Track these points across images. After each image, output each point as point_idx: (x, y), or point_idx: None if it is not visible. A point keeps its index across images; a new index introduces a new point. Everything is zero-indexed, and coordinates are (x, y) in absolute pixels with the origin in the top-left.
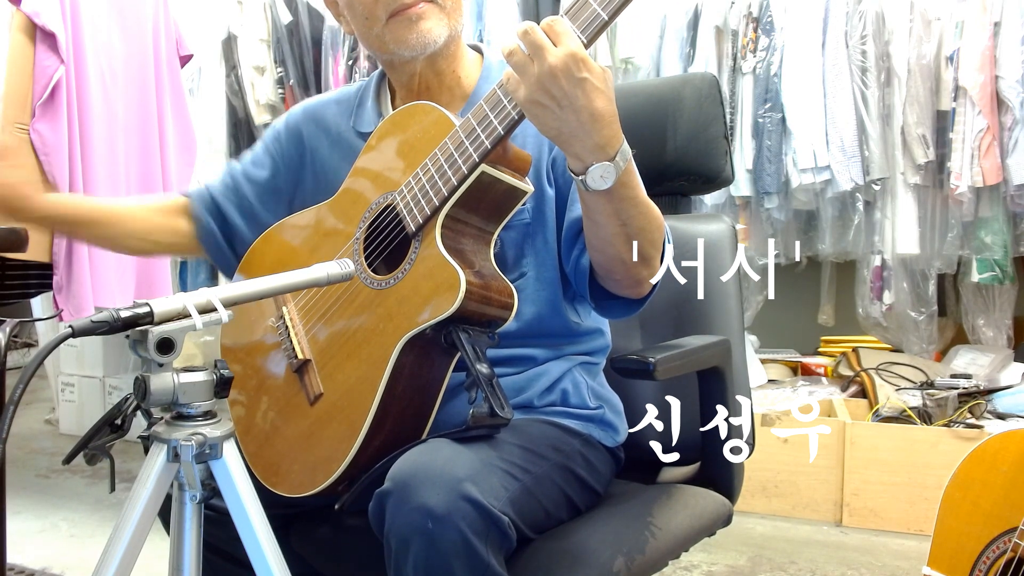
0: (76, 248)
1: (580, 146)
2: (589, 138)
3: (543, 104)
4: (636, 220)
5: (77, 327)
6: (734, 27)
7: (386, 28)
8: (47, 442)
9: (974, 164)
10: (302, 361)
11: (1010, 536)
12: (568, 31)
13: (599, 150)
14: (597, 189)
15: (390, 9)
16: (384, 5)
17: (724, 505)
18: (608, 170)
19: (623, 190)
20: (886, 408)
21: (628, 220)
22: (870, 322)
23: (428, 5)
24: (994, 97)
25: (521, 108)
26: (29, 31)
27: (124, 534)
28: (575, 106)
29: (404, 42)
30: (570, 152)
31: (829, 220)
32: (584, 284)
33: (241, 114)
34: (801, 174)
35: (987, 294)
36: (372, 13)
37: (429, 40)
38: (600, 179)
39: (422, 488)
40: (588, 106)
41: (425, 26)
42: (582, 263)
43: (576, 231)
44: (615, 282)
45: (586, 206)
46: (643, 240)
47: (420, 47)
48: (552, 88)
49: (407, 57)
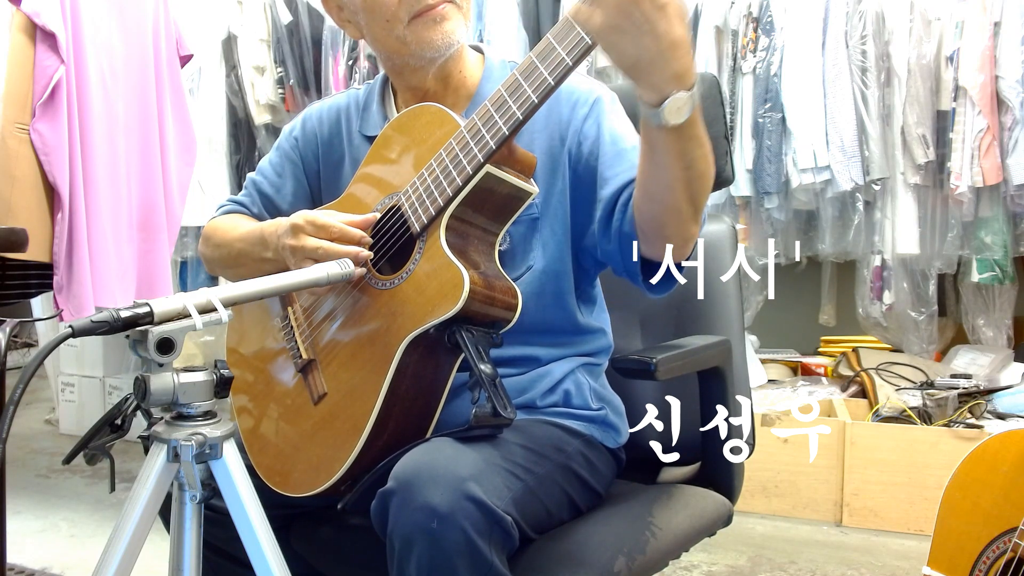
0: (76, 248)
1: (660, 75)
2: (669, 66)
3: (623, 29)
4: (699, 163)
5: (77, 327)
6: (734, 27)
7: (408, 29)
8: (47, 442)
9: (974, 164)
10: (306, 361)
11: (1010, 536)
12: None
13: (677, 79)
14: (673, 123)
15: (413, 10)
16: (407, 6)
17: (724, 505)
18: (685, 101)
19: (693, 128)
20: (886, 408)
21: (692, 162)
22: (870, 322)
23: (450, 6)
24: (994, 97)
25: (594, 36)
26: (29, 31)
27: (124, 534)
28: (656, 32)
29: (428, 43)
30: (647, 82)
31: (829, 220)
32: (630, 252)
33: (241, 114)
34: (801, 174)
35: (987, 294)
36: (394, 15)
37: (453, 40)
38: (676, 112)
39: (426, 487)
40: (669, 32)
41: (448, 27)
42: (624, 230)
43: (613, 204)
44: (663, 240)
45: (651, 147)
46: (701, 187)
47: (444, 47)
48: (634, 11)
49: (427, 59)
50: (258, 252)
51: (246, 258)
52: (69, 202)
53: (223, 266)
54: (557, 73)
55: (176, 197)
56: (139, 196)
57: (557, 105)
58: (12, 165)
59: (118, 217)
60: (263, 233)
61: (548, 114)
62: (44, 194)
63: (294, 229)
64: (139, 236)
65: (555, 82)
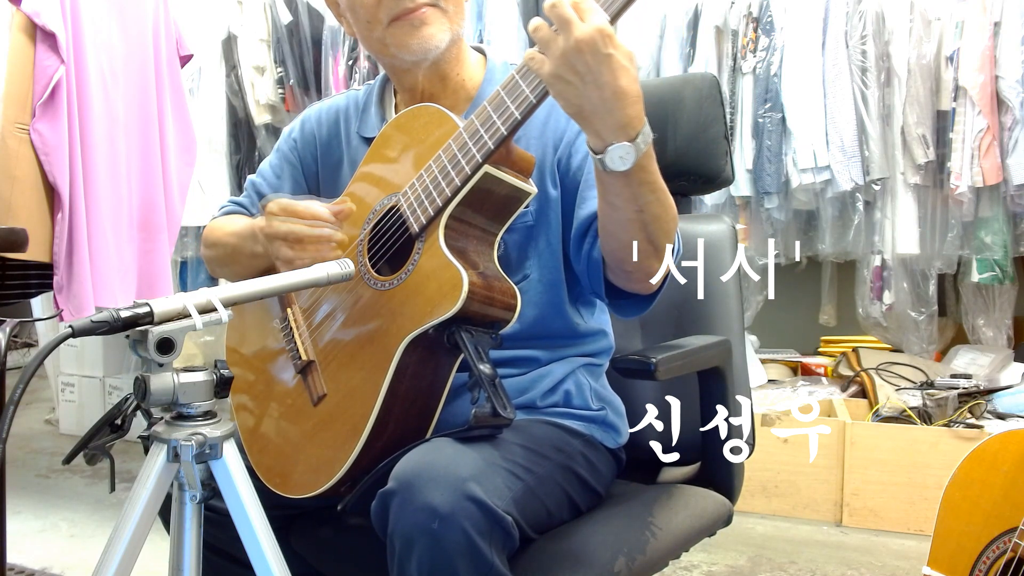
0: (76, 248)
1: (601, 124)
2: (611, 116)
3: (567, 80)
4: (652, 207)
5: (77, 327)
6: (734, 27)
7: (387, 32)
8: (47, 442)
9: (974, 164)
10: (306, 362)
11: (1010, 536)
12: (594, 7)
13: (620, 129)
14: (616, 170)
15: (392, 13)
16: (386, 9)
17: (724, 505)
18: (628, 151)
19: (642, 174)
20: (886, 408)
21: (645, 206)
22: (870, 322)
23: (431, 9)
24: (994, 97)
25: (545, 84)
26: (29, 31)
27: (124, 534)
28: (599, 82)
29: (406, 47)
30: (590, 130)
31: (829, 220)
32: (598, 277)
33: (241, 114)
34: (801, 174)
35: (987, 294)
36: (374, 16)
37: (431, 45)
38: (620, 160)
39: (426, 488)
40: (612, 83)
41: (428, 31)
42: (594, 256)
43: (587, 227)
44: (625, 274)
45: (603, 188)
46: (658, 229)
47: (422, 52)
48: (577, 63)
49: (409, 62)
50: (249, 247)
51: (240, 254)
52: (69, 202)
53: (220, 264)
54: None
55: (176, 197)
56: (139, 196)
57: (555, 112)
58: (12, 165)
59: (118, 217)
60: (253, 228)
61: (546, 121)
62: (44, 194)
63: (268, 215)
64: (139, 236)
65: None
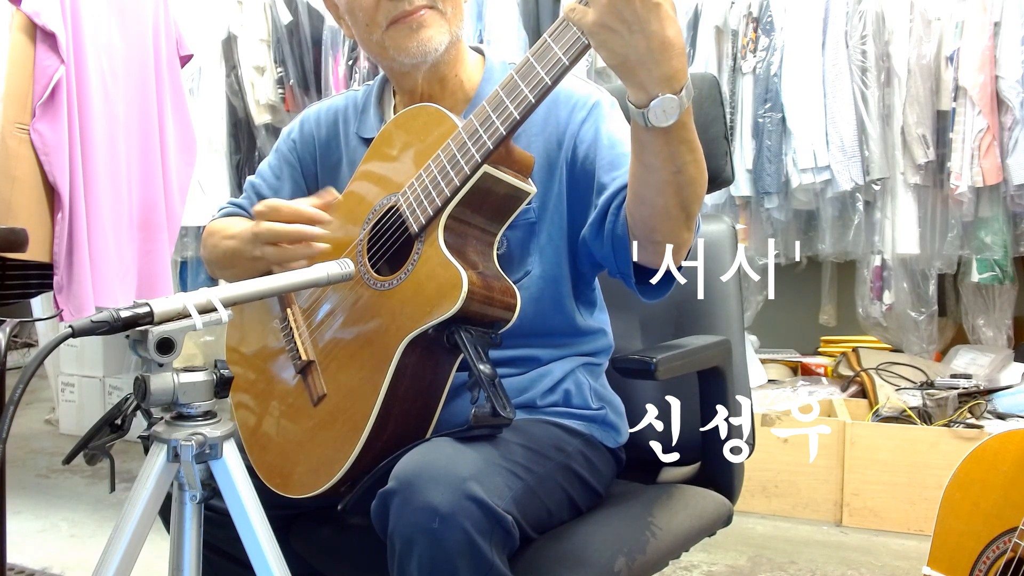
0: (77, 248)
1: (647, 75)
2: (658, 67)
3: (613, 28)
4: (690, 168)
5: (77, 327)
6: (734, 27)
7: (386, 35)
8: (47, 442)
9: (974, 164)
10: (306, 362)
11: (1010, 536)
12: None
13: (666, 81)
14: (658, 125)
15: (391, 16)
16: (385, 12)
17: (724, 505)
18: (673, 104)
19: (683, 131)
20: (886, 408)
21: (682, 167)
22: (870, 322)
23: (430, 12)
24: (994, 97)
25: (587, 34)
26: (29, 31)
27: (124, 534)
28: (647, 31)
29: (405, 50)
30: (634, 82)
31: (829, 220)
32: (625, 255)
33: (241, 114)
34: (801, 174)
35: (987, 294)
36: (372, 19)
37: (430, 48)
38: (663, 114)
39: (427, 487)
40: (660, 32)
41: (426, 34)
42: (618, 232)
43: (607, 207)
44: (654, 244)
45: (640, 148)
46: (691, 194)
47: (421, 55)
48: (625, 11)
49: (408, 64)
50: (249, 250)
51: (240, 257)
52: (69, 202)
53: (220, 266)
54: (554, 73)
55: (176, 197)
56: (139, 196)
57: (555, 108)
58: (12, 165)
59: (118, 217)
60: (253, 231)
61: (546, 117)
62: (44, 194)
63: (256, 216)
64: (139, 236)
65: (552, 82)
